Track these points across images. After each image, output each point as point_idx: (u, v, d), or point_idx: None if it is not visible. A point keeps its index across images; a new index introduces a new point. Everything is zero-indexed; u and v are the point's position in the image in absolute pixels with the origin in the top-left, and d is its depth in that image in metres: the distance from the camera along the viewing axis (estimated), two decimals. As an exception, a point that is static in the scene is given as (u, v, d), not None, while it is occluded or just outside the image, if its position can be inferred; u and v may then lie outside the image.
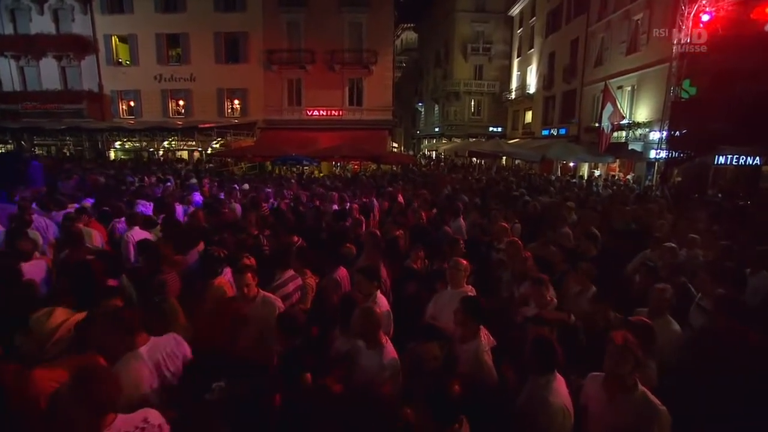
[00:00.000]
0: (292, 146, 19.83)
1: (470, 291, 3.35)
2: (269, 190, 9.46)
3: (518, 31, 30.53)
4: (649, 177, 15.25)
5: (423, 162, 28.72)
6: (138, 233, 4.91)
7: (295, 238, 4.61)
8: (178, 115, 25.49)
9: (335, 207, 7.27)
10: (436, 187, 11.47)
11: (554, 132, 23.81)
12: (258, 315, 2.81)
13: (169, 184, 12.19)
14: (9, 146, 23.49)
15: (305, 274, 3.70)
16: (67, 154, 24.39)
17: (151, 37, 24.38)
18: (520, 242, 4.54)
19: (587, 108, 20.48)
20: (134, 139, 24.56)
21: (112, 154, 24.64)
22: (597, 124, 16.36)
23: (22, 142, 24.09)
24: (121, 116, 25.88)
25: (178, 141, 24.04)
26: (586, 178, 16.32)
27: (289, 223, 5.35)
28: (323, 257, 4.19)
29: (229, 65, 24.38)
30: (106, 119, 25.05)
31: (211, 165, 21.15)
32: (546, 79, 25.14)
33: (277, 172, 19.49)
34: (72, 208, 6.96)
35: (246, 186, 10.52)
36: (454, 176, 15.59)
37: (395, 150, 37.36)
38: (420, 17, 39.99)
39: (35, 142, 24.75)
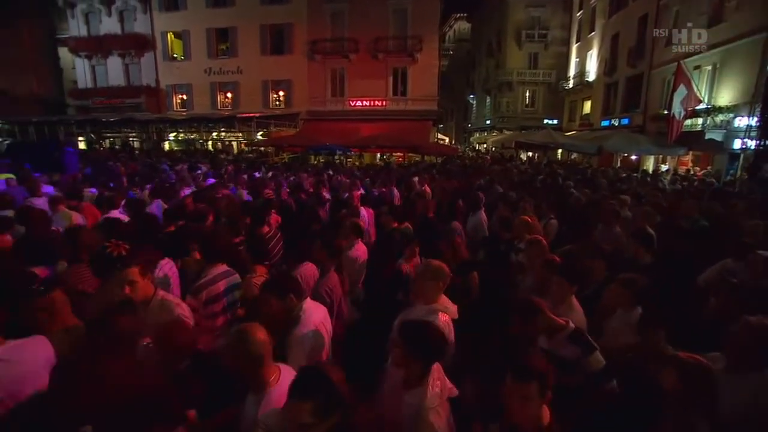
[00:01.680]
0: (330, 136, 19.58)
1: (444, 308, 2.50)
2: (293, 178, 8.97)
3: (578, 14, 28.03)
4: (732, 172, 12.98)
5: (470, 154, 27.33)
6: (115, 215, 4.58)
7: (266, 228, 3.98)
8: (226, 107, 26.12)
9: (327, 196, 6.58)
10: (473, 179, 10.45)
11: (615, 123, 21.47)
12: (153, 322, 2.15)
13: (199, 171, 12.19)
14: (81, 139, 25.40)
15: (254, 271, 3.02)
16: (134, 145, 25.89)
17: (202, 32, 25.14)
18: (544, 241, 3.57)
19: (655, 94, 18.11)
20: (185, 131, 25.54)
21: (167, 145, 25.82)
22: (666, 111, 14.26)
23: (92, 135, 26.01)
24: (175, 109, 27.01)
25: (226, 132, 24.71)
26: (650, 172, 14.23)
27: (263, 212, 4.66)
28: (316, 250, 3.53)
29: (274, 57, 24.52)
30: (161, 112, 26.26)
31: (250, 155, 21.41)
32: (608, 64, 22.71)
33: (315, 161, 19.35)
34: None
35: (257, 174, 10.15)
36: (495, 167, 14.30)
37: (442, 142, 36.14)
38: (473, 5, 38.23)
39: (103, 134, 26.60)
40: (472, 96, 40.13)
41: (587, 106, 26.41)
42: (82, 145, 25.18)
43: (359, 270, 3.99)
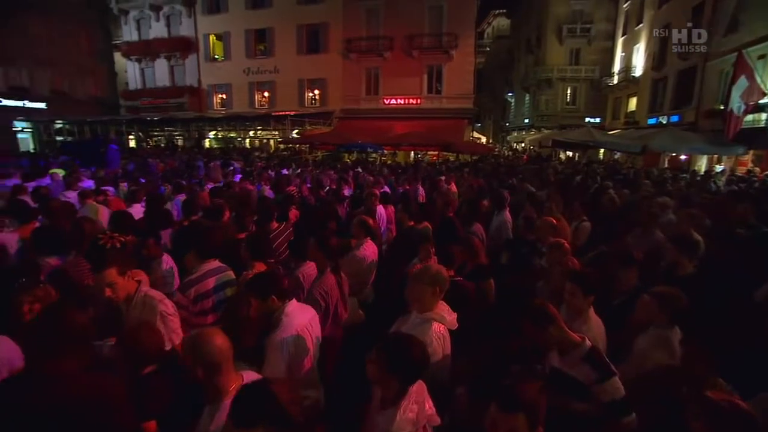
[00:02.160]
0: (363, 134, 19.55)
1: (440, 317, 2.25)
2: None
3: (624, 6, 26.44)
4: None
5: (507, 154, 26.51)
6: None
7: (274, 225, 3.88)
8: (263, 105, 26.71)
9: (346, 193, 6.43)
10: (505, 178, 10.01)
11: (663, 120, 20.04)
12: (136, 319, 2.06)
13: (231, 168, 12.46)
14: (132, 137, 26.91)
15: (252, 268, 2.90)
16: (179, 143, 27.08)
17: (241, 34, 25.87)
18: (567, 245, 3.24)
19: (711, 88, 16.65)
20: (223, 129, 26.42)
21: (207, 143, 26.78)
22: (723, 107, 13.08)
23: (140, 133, 27.48)
24: (215, 108, 27.94)
25: (262, 130, 25.30)
26: (702, 173, 13.06)
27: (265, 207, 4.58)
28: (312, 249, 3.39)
29: (309, 56, 24.82)
30: (203, 111, 27.28)
31: (285, 153, 21.78)
32: (656, 58, 21.24)
33: (348, 159, 19.41)
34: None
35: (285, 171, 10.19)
36: (530, 167, 13.69)
37: (480, 142, 35.33)
38: (513, 0, 37.07)
39: (149, 133, 28.04)
40: (510, 94, 38.99)
41: (632, 103, 24.87)
42: (132, 143, 26.76)
43: (367, 271, 3.80)
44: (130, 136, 26.84)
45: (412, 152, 21.94)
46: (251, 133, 26.64)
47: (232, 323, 2.26)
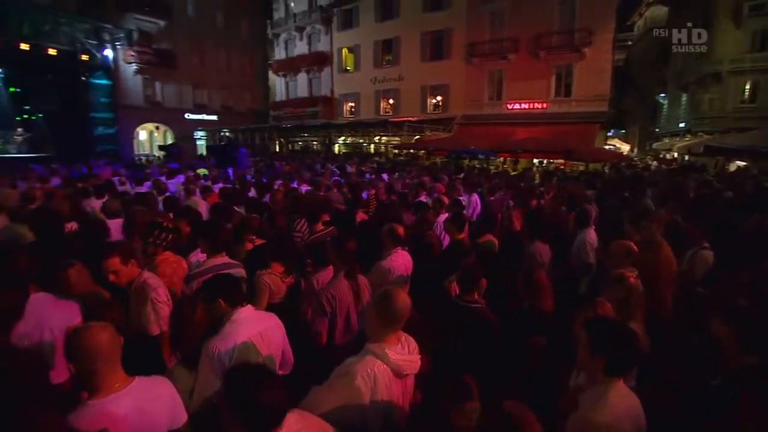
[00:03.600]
0: (479, 140, 19.09)
1: (381, 355, 1.93)
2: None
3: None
4: None
5: (650, 163, 22.80)
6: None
7: (320, 227, 4.07)
8: (387, 112, 28.04)
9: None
10: (622, 189, 8.68)
11: None
12: (135, 303, 2.38)
13: (349, 170, 13.48)
14: (278, 143, 31.06)
15: (268, 266, 3.09)
16: (316, 148, 30.22)
17: (370, 45, 27.66)
18: (633, 279, 2.69)
19: None
20: (349, 135, 28.48)
21: (336, 148, 29.27)
22: None
23: (281, 139, 31.50)
24: (345, 116, 30.33)
25: (385, 136, 26.51)
26: None
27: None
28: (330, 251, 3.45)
29: (432, 63, 25.20)
30: (334, 118, 29.91)
31: (401, 158, 22.48)
32: None
33: (468, 164, 19.13)
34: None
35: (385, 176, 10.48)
36: (672, 178, 11.50)
37: (619, 150, 31.18)
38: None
39: (289, 139, 31.90)
40: (663, 95, 33.49)
41: None
42: (277, 148, 30.91)
43: (396, 283, 3.57)
44: (278, 141, 31.07)
45: (536, 160, 20.57)
46: (375, 138, 28.25)
47: (174, 324, 2.34)
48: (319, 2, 29.74)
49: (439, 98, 26.04)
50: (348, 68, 29.89)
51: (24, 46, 19.00)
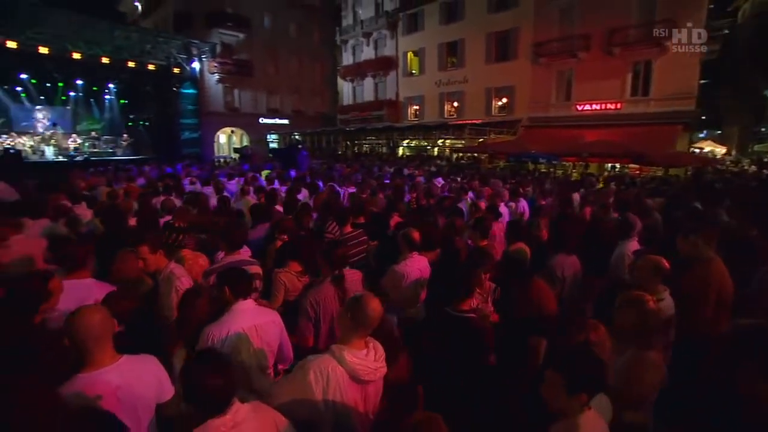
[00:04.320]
0: (543, 144, 18.33)
1: (339, 357, 2.00)
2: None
3: None
4: None
5: (747, 168, 20.10)
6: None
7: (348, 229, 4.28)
8: (452, 115, 27.81)
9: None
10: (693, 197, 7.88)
11: None
12: (162, 290, 2.72)
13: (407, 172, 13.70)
14: (344, 146, 32.17)
15: (286, 265, 3.33)
16: (382, 150, 30.85)
17: (434, 48, 27.65)
18: (652, 302, 2.50)
19: None
20: (414, 138, 28.66)
21: (400, 151, 29.62)
22: None
23: (348, 142, 32.56)
24: (409, 119, 30.61)
25: (448, 139, 26.29)
26: None
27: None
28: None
29: (497, 64, 24.57)
30: (399, 122, 30.32)
31: (462, 161, 22.20)
32: None
33: (533, 168, 18.47)
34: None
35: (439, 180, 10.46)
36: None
37: (713, 153, 27.88)
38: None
39: (355, 141, 32.85)
40: (771, 90, 29.28)
41: None
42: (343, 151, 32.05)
43: (410, 288, 3.64)
44: (345, 144, 32.16)
45: (609, 164, 19.18)
46: (439, 142, 28.09)
47: (179, 310, 2.58)
48: (385, 8, 30.35)
49: (504, 100, 25.29)
50: (413, 72, 30.13)
51: (131, 64, 21.91)
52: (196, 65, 25.31)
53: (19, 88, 21.80)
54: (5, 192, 8.34)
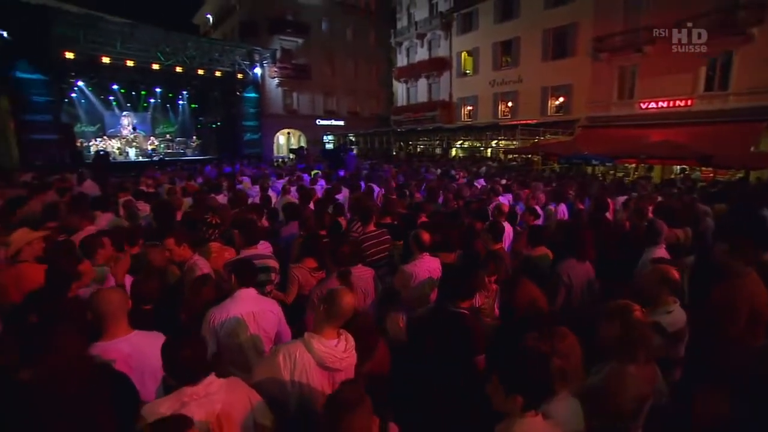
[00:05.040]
0: (601, 144, 17.29)
1: (307, 343, 2.20)
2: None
3: None
4: None
5: None
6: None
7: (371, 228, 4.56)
8: (506, 115, 27.10)
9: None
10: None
11: None
12: (187, 279, 3.10)
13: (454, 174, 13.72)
14: (398, 146, 32.54)
15: (300, 261, 3.60)
16: (436, 151, 30.91)
17: (488, 48, 27.08)
18: (637, 312, 2.44)
19: None
20: (466, 139, 28.29)
21: (453, 152, 29.35)
22: None
23: (401, 143, 32.87)
24: (462, 120, 30.25)
25: (506, 140, 25.57)
26: None
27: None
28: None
29: (554, 62, 23.55)
30: (452, 122, 30.09)
31: (514, 163, 21.57)
32: None
33: (591, 170, 17.55)
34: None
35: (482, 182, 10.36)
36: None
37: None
38: None
39: (408, 142, 33.08)
40: None
41: None
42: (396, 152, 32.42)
43: (419, 288, 3.73)
44: (399, 144, 32.49)
45: (677, 167, 17.68)
46: (493, 143, 27.46)
47: (187, 293, 2.94)
48: (440, 8, 30.23)
49: (561, 99, 24.18)
50: (467, 72, 29.71)
51: (201, 72, 23.90)
52: (258, 70, 26.93)
53: (111, 98, 24.75)
54: (91, 188, 9.70)
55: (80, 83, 22.28)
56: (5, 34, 17.34)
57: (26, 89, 18.05)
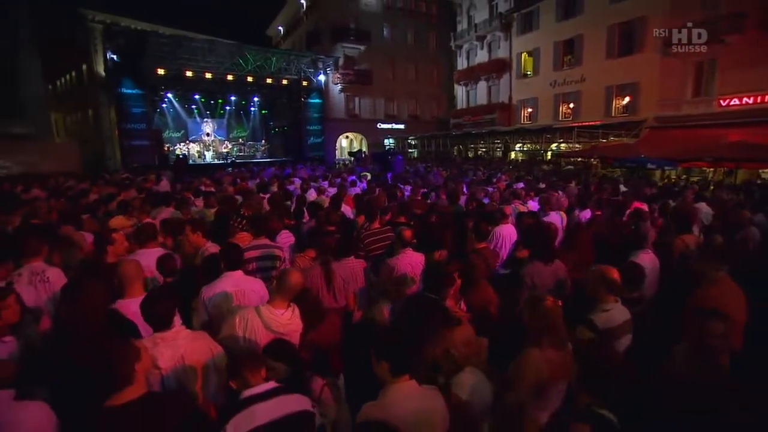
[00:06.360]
0: (669, 147, 16.14)
1: (267, 314, 2.69)
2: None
3: None
4: None
5: None
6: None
7: (376, 225, 5.16)
8: (567, 117, 26.01)
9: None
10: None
11: None
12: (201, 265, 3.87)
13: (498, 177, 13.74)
14: (457, 149, 32.63)
15: (303, 251, 4.17)
16: (497, 154, 30.64)
17: (550, 47, 26.13)
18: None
19: None
20: (524, 141, 27.57)
21: (512, 155, 28.76)
22: None
23: (460, 146, 32.86)
24: (522, 122, 29.48)
25: (569, 143, 24.63)
26: None
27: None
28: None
29: (619, 59, 22.18)
30: (511, 125, 29.44)
31: (570, 166, 20.72)
32: None
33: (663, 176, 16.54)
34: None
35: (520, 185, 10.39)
36: None
37: None
38: None
39: (467, 145, 32.95)
40: None
41: None
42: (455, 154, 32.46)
43: (399, 281, 4.06)
44: (458, 147, 32.58)
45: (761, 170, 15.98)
46: (553, 146, 26.49)
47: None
48: (499, 9, 29.72)
49: (627, 99, 22.66)
50: (527, 73, 28.91)
51: (269, 81, 26.06)
52: (321, 77, 28.63)
53: (193, 106, 27.97)
54: (165, 186, 11.42)
55: (169, 95, 25.53)
56: (115, 57, 20.59)
57: (127, 102, 21.29)
